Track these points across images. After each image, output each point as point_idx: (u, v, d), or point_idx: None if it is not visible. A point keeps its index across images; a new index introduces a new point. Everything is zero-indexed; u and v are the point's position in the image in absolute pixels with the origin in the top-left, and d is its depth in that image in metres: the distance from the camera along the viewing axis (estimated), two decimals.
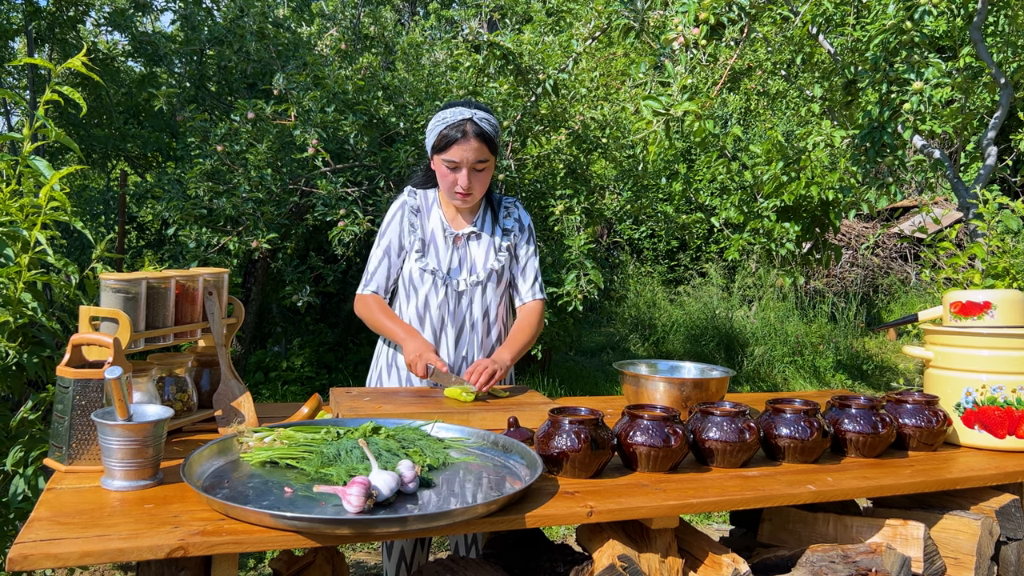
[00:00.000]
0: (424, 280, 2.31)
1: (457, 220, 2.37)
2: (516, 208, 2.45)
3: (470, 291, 2.32)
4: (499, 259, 2.35)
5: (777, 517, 1.74)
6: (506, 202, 2.45)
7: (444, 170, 2.25)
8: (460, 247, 2.34)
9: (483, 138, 2.22)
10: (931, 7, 3.61)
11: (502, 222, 2.41)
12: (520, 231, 2.42)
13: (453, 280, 2.31)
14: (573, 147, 5.82)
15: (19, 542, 1.12)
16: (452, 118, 2.21)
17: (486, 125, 2.23)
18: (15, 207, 2.01)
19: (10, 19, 7.75)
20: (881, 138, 3.86)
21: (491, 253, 2.36)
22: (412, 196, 2.38)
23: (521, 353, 2.32)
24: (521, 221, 2.43)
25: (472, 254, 2.35)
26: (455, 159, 2.21)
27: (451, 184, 2.25)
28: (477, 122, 2.21)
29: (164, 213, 4.71)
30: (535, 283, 2.43)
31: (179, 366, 1.78)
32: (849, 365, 8.32)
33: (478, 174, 2.25)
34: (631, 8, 3.72)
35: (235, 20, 5.46)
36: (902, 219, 11.09)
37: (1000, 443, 1.83)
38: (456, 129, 2.20)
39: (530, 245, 2.44)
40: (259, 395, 6.06)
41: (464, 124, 2.20)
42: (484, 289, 2.34)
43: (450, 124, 2.21)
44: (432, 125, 2.27)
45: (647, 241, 11.39)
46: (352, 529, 1.19)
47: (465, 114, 2.21)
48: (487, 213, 2.40)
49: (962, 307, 1.98)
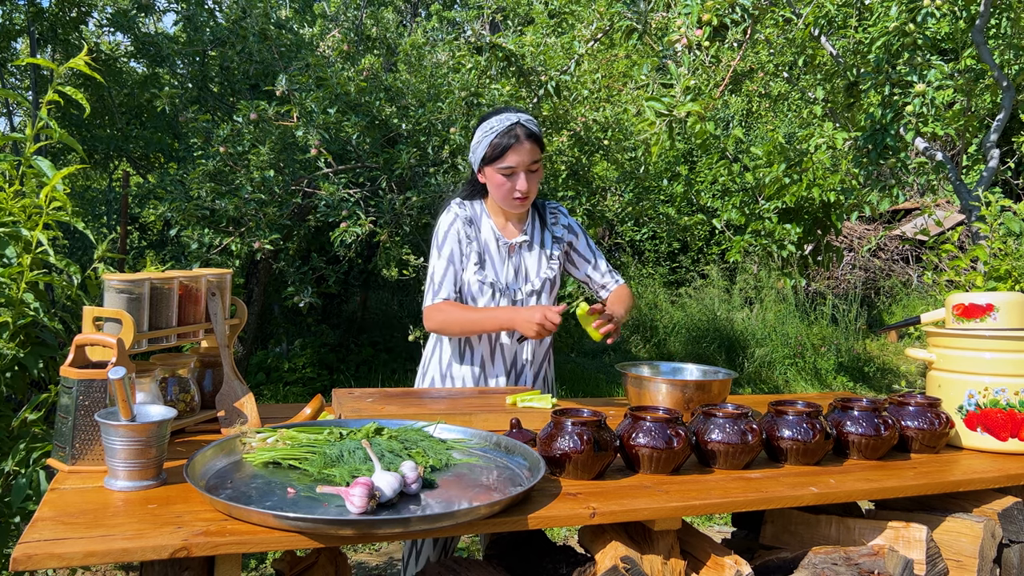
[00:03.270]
0: (483, 292, 2.31)
1: (508, 229, 2.37)
2: (561, 213, 2.47)
3: (525, 300, 2.34)
4: (552, 267, 2.38)
5: (779, 519, 1.74)
6: (550, 207, 2.47)
7: (499, 179, 2.24)
8: (514, 256, 2.35)
9: (534, 139, 2.24)
10: (934, 9, 3.61)
11: (551, 229, 2.42)
12: (574, 234, 2.46)
13: (511, 291, 2.32)
14: (575, 149, 5.83)
15: (23, 542, 1.12)
16: (500, 126, 2.22)
17: (533, 126, 2.26)
18: (17, 207, 2.01)
19: (13, 20, 7.76)
20: (883, 140, 3.86)
21: (543, 261, 2.38)
22: (461, 208, 2.36)
23: (627, 314, 2.37)
24: (571, 225, 2.46)
25: (526, 263, 2.37)
26: (512, 164, 2.21)
27: (509, 191, 2.25)
28: (525, 124, 2.23)
29: (166, 214, 4.72)
30: (612, 274, 2.49)
31: (182, 367, 1.78)
32: (851, 367, 8.32)
33: (532, 175, 2.26)
34: (634, 10, 3.72)
35: (238, 21, 5.47)
36: (904, 221, 11.08)
37: (1002, 445, 1.83)
38: (507, 136, 2.21)
39: (591, 244, 2.49)
40: (261, 396, 6.07)
41: (514, 128, 2.21)
42: (539, 298, 2.36)
43: (500, 132, 2.21)
44: (479, 137, 2.26)
45: (649, 243, 11.39)
46: (355, 530, 1.19)
47: (512, 119, 2.22)
48: (535, 219, 2.42)
49: (965, 309, 1.98)
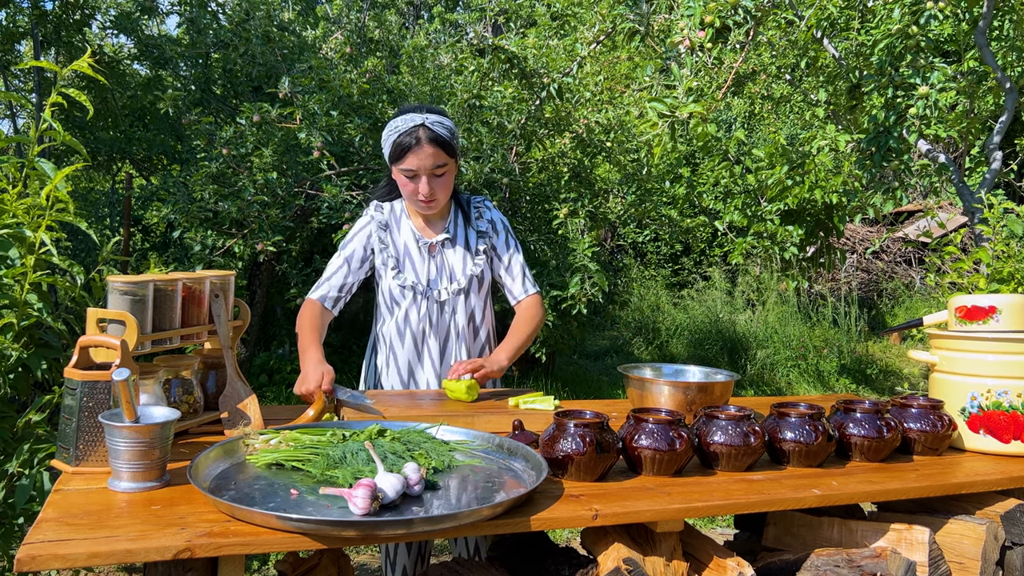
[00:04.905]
0: (404, 295, 2.26)
1: (428, 228, 2.30)
2: (487, 208, 2.37)
3: (452, 300, 2.27)
4: (477, 263, 2.30)
5: (782, 521, 1.74)
6: (475, 202, 2.37)
7: (403, 179, 2.18)
8: (436, 255, 2.28)
9: (438, 143, 2.14)
10: (937, 11, 3.61)
11: (475, 224, 2.33)
12: (495, 230, 2.35)
13: (433, 291, 2.26)
14: (577, 151, 5.83)
15: (27, 543, 1.12)
16: (404, 126, 2.13)
17: (439, 128, 2.15)
18: (21, 209, 2.02)
19: (16, 22, 7.78)
20: (886, 142, 3.86)
21: (468, 258, 2.30)
22: (379, 211, 2.31)
23: (519, 352, 2.27)
24: (495, 221, 2.36)
25: (449, 261, 2.29)
26: (412, 168, 2.14)
27: (412, 193, 2.19)
28: (430, 127, 2.13)
29: (169, 216, 4.73)
30: (524, 279, 2.37)
31: (185, 368, 1.79)
32: (853, 369, 8.31)
33: (438, 179, 2.18)
34: (636, 12, 3.72)
35: (241, 23, 5.48)
36: (907, 223, 11.07)
37: (1005, 448, 1.83)
38: (409, 136, 2.12)
39: (510, 241, 2.37)
40: (263, 397, 6.07)
41: (416, 131, 2.12)
42: (467, 296, 2.28)
43: (402, 132, 2.13)
44: (385, 135, 2.19)
45: (651, 245, 11.39)
46: (358, 531, 1.19)
47: (416, 120, 2.13)
48: (458, 216, 2.34)
49: (967, 311, 1.98)
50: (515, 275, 2.37)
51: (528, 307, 2.36)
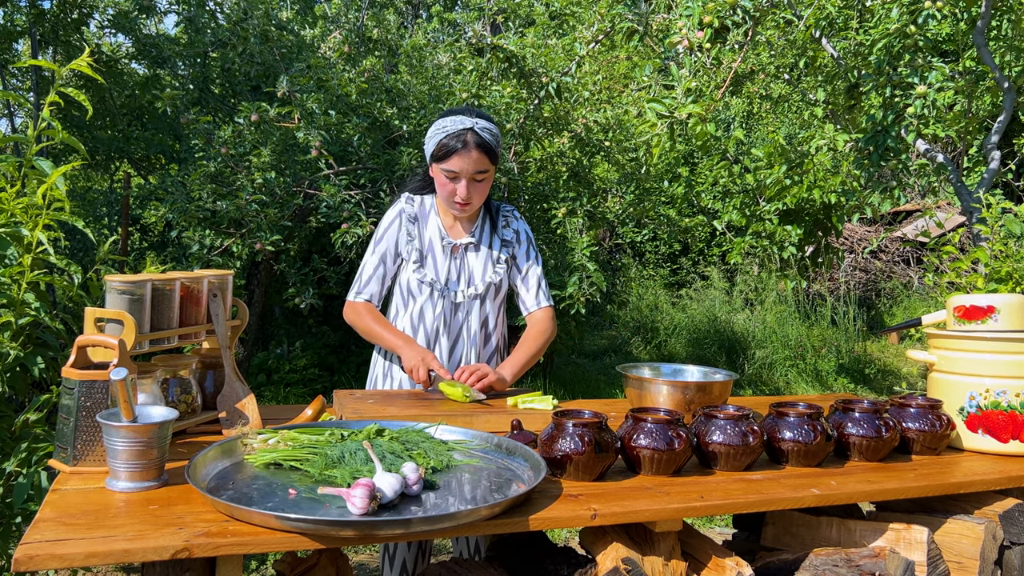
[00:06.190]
0: (422, 291, 2.26)
1: (455, 229, 2.31)
2: (515, 218, 2.39)
3: (468, 303, 2.28)
4: (497, 272, 2.30)
5: (780, 521, 1.74)
6: (504, 210, 2.39)
7: (443, 179, 2.19)
8: (458, 257, 2.29)
9: (484, 149, 2.15)
10: (935, 11, 3.61)
11: (501, 232, 2.35)
12: (519, 241, 2.37)
13: (451, 292, 2.26)
14: (576, 150, 5.83)
15: (24, 543, 1.12)
16: (452, 127, 2.14)
17: (487, 135, 2.16)
18: (18, 208, 2.01)
19: (14, 21, 7.77)
20: (884, 142, 3.86)
21: (489, 265, 2.31)
22: (410, 203, 2.32)
23: (526, 368, 2.27)
24: (520, 231, 2.38)
25: (470, 265, 2.30)
26: (454, 169, 2.15)
27: (449, 194, 2.20)
28: (478, 132, 2.14)
29: (167, 215, 4.72)
30: (539, 291, 2.37)
31: (183, 368, 1.78)
32: (851, 369, 8.32)
33: (478, 184, 2.19)
34: (635, 11, 3.72)
35: (239, 23, 5.48)
36: (905, 223, 11.08)
37: (1004, 447, 1.83)
38: (456, 139, 2.13)
39: (531, 253, 2.38)
40: (261, 397, 6.07)
41: (465, 134, 2.14)
42: (482, 302, 2.29)
43: (450, 133, 2.14)
44: (432, 133, 2.20)
45: (649, 244, 11.40)
46: (356, 531, 1.19)
47: (466, 123, 2.14)
48: (486, 222, 2.35)
49: (966, 311, 1.98)
50: (531, 286, 2.37)
51: (539, 321, 2.36)
